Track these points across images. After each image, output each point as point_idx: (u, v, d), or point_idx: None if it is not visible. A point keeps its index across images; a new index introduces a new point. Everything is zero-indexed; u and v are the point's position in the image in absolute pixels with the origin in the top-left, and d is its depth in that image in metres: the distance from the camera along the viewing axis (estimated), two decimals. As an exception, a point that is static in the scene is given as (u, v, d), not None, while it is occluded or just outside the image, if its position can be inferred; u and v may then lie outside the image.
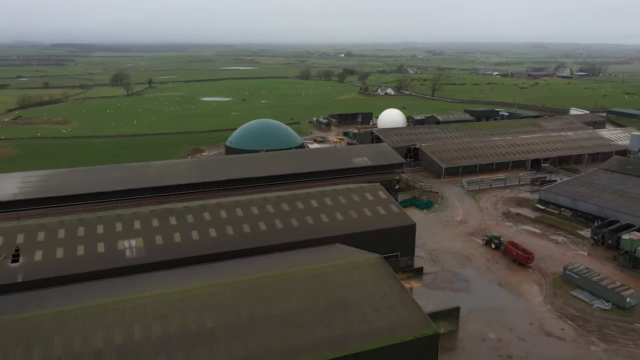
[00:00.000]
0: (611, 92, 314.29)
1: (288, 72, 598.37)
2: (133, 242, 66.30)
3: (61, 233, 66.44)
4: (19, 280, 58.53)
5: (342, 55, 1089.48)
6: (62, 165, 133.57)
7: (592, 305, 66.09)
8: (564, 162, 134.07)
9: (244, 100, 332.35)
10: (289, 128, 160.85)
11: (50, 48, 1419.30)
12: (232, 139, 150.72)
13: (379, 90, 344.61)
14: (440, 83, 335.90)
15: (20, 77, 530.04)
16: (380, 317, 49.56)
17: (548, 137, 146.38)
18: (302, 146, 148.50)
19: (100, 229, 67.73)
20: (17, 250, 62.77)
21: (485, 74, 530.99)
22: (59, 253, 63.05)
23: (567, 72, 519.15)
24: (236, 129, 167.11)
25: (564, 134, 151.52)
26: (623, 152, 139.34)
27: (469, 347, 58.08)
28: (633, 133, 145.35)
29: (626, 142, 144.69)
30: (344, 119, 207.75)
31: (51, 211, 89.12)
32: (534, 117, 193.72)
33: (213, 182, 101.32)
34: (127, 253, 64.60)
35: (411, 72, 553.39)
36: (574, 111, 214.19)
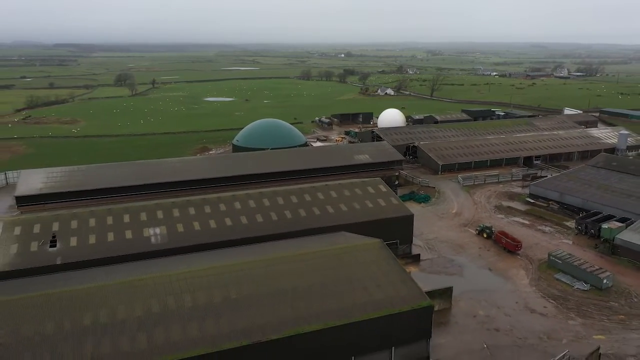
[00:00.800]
0: (605, 92, 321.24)
1: (289, 72, 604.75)
2: (157, 230, 73.27)
3: (92, 222, 73.37)
4: (58, 262, 65.44)
5: (342, 55, 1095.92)
6: (75, 163, 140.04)
7: (573, 286, 73.05)
8: (554, 160, 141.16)
9: (246, 100, 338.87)
10: (293, 127, 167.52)
11: (51, 48, 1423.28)
12: (239, 138, 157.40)
13: (379, 91, 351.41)
14: (439, 83, 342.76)
15: (25, 77, 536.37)
16: (381, 291, 56.53)
17: (540, 135, 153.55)
18: (305, 144, 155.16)
19: (127, 218, 74.69)
20: (53, 237, 69.69)
21: (484, 74, 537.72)
22: (92, 239, 69.98)
23: (564, 73, 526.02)
24: (241, 128, 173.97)
25: (555, 132, 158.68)
26: (612, 149, 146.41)
27: (461, 322, 65.02)
28: (621, 132, 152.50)
29: (615, 140, 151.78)
30: (346, 119, 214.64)
31: (75, 204, 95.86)
32: (529, 116, 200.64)
33: (224, 178, 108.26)
34: (152, 239, 71.58)
35: (410, 72, 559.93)
36: (567, 111, 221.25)
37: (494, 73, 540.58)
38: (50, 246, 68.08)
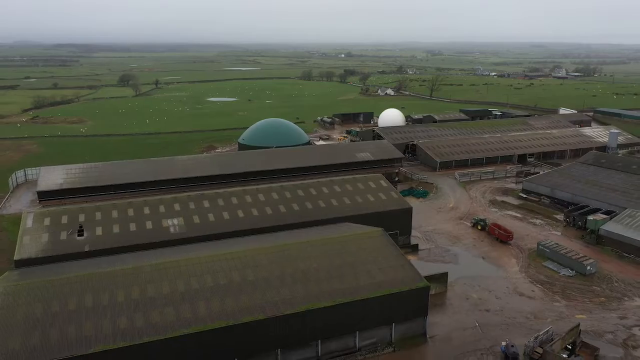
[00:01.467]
0: (601, 92, 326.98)
1: (290, 72, 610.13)
2: (175, 221, 79.29)
3: (114, 213, 79.37)
4: (86, 249, 71.44)
5: (343, 55, 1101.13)
6: (86, 161, 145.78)
7: (559, 272, 79.05)
8: (548, 157, 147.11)
9: (249, 100, 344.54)
10: (296, 126, 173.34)
11: (52, 48, 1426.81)
12: (245, 137, 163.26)
13: (379, 91, 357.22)
14: (438, 84, 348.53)
15: (28, 77, 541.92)
16: (383, 274, 62.54)
17: (534, 134, 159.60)
18: (308, 143, 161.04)
19: (146, 210, 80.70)
20: (80, 227, 75.70)
21: (483, 74, 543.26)
22: (115, 229, 75.99)
23: (562, 73, 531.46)
24: (245, 127, 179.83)
25: (549, 131, 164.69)
26: (603, 148, 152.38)
27: (455, 303, 71.02)
28: (611, 131, 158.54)
29: (606, 139, 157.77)
30: (347, 118, 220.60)
31: (93, 199, 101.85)
32: (524, 116, 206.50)
33: (233, 174, 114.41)
34: (171, 229, 77.58)
35: (410, 72, 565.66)
36: (563, 111, 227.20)
37: (493, 73, 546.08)
38: (78, 235, 74.08)
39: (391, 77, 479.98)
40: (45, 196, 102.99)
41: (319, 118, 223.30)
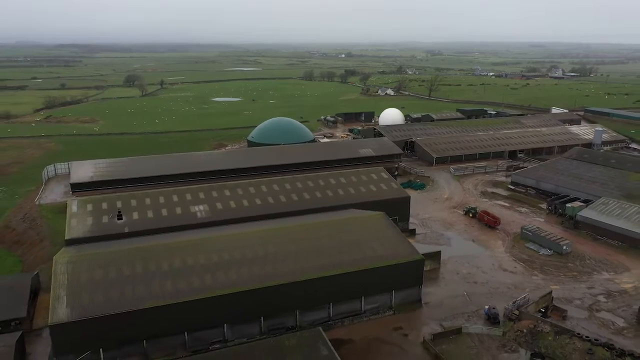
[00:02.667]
0: (594, 92, 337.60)
1: (291, 73, 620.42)
2: (201, 207, 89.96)
3: (147, 201, 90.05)
4: (126, 230, 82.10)
5: (343, 55, 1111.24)
6: (106, 158, 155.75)
7: (539, 252, 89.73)
8: (537, 153, 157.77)
9: (253, 100, 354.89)
10: (302, 125, 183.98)
11: (54, 49, 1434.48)
12: (254, 134, 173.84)
13: (379, 91, 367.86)
14: (436, 84, 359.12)
15: (35, 78, 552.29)
16: (384, 249, 73.25)
17: (525, 132, 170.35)
18: (313, 141, 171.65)
19: (175, 198, 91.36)
20: (119, 212, 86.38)
21: (481, 74, 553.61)
22: (150, 214, 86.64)
23: (559, 73, 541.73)
24: (251, 126, 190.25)
25: (539, 129, 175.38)
26: (589, 144, 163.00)
27: (447, 277, 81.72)
28: (596, 129, 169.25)
29: (591, 136, 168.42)
30: (349, 118, 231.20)
31: (120, 190, 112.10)
32: (518, 115, 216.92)
33: (247, 168, 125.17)
34: (198, 214, 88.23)
35: (410, 72, 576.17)
36: (555, 110, 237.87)
37: (491, 74, 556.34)
38: (118, 219, 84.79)
39: (391, 78, 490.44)
40: (77, 188, 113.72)
41: (322, 117, 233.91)
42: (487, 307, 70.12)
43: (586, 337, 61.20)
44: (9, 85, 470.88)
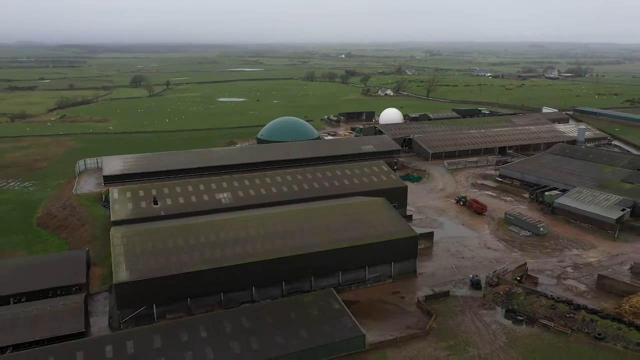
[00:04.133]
0: (585, 92, 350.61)
1: (293, 73, 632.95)
2: (225, 194, 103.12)
3: (178, 189, 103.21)
4: (162, 214, 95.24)
5: (343, 56, 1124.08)
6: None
7: (520, 234, 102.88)
8: (524, 150, 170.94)
9: (257, 100, 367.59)
10: (307, 123, 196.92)
11: (56, 49, 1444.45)
12: (263, 132, 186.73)
13: (379, 92, 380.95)
14: (434, 85, 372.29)
15: (43, 78, 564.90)
16: (384, 227, 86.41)
17: (514, 130, 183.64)
18: (318, 138, 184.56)
19: (202, 187, 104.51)
20: (155, 198, 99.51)
21: (478, 75, 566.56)
22: (181, 200, 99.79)
23: (554, 74, 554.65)
24: (258, 125, 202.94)
25: (527, 127, 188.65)
26: (573, 141, 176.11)
27: (439, 254, 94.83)
28: (580, 127, 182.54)
29: (575, 134, 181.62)
30: (351, 117, 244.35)
31: (148, 182, 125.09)
32: (509, 114, 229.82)
33: (260, 162, 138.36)
34: (222, 200, 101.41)
35: (409, 73, 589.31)
36: (545, 110, 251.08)
37: (488, 74, 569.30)
38: (154, 204, 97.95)
39: (391, 78, 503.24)
40: (109, 179, 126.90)
41: (325, 117, 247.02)
42: (471, 275, 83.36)
43: (550, 296, 74.51)
44: (19, 85, 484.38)
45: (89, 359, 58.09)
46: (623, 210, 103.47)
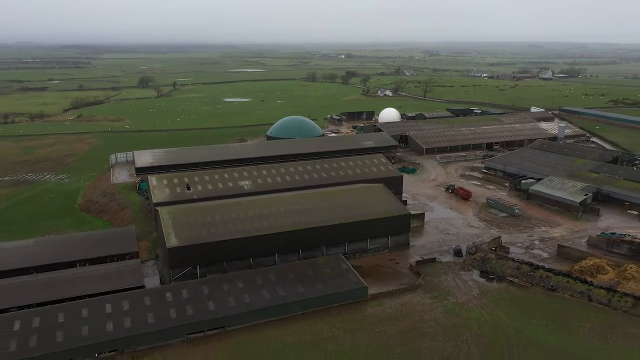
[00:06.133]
0: (573, 93, 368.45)
1: (295, 74, 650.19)
2: (246, 182, 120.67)
3: (206, 177, 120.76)
4: (195, 197, 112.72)
5: (343, 56, 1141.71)
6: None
7: (498, 215, 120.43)
8: (510, 145, 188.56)
9: (262, 100, 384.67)
10: (312, 122, 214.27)
11: (58, 49, 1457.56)
12: (272, 130, 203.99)
13: (378, 92, 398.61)
14: (431, 85, 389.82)
15: (51, 79, 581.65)
16: (383, 207, 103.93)
17: (501, 127, 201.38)
18: (323, 136, 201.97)
19: (226, 176, 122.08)
20: (188, 185, 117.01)
21: (474, 76, 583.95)
22: (209, 186, 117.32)
23: (548, 74, 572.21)
24: (264, 124, 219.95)
25: (513, 125, 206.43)
26: (554, 138, 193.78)
27: (429, 231, 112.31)
28: (560, 125, 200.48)
29: (557, 131, 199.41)
30: (352, 116, 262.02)
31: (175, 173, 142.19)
32: (499, 114, 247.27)
33: (272, 156, 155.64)
34: (245, 187, 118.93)
35: (407, 74, 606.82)
36: (533, 109, 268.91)
37: (484, 75, 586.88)
38: (187, 189, 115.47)
39: (389, 79, 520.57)
40: (141, 171, 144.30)
41: (328, 116, 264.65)
42: (454, 245, 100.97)
43: (516, 259, 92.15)
44: (30, 86, 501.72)
45: (154, 302, 75.59)
46: (586, 195, 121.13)
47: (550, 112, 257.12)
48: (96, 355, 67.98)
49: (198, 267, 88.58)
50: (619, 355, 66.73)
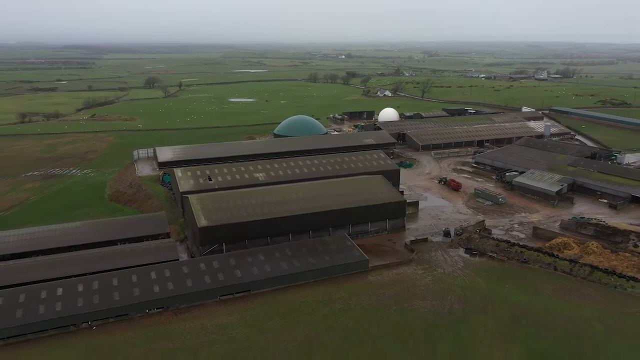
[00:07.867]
0: (564, 93, 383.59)
1: (296, 74, 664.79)
2: (261, 174, 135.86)
3: (225, 170, 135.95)
4: (216, 187, 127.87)
5: (343, 56, 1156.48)
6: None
7: (484, 203, 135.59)
8: (499, 142, 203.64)
9: (266, 101, 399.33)
10: (316, 121, 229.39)
11: (60, 50, 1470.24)
12: (279, 129, 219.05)
13: (378, 93, 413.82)
14: (429, 86, 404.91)
15: (60, 80, 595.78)
16: (382, 195, 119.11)
17: (492, 126, 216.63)
18: (326, 134, 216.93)
19: (242, 168, 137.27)
20: (209, 176, 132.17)
21: (472, 76, 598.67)
22: (228, 177, 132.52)
23: (544, 75, 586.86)
24: (270, 123, 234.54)
25: (504, 124, 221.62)
26: (541, 136, 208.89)
27: (423, 217, 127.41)
28: (546, 124, 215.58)
29: (543, 129, 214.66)
30: (354, 115, 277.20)
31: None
32: (491, 113, 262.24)
33: (282, 152, 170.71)
34: (259, 178, 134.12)
35: (406, 75, 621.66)
36: (525, 109, 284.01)
37: (482, 75, 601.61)
38: (209, 180, 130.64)
39: (389, 79, 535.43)
40: (163, 165, 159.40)
41: (331, 115, 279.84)
42: (444, 228, 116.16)
43: (496, 238, 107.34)
44: (40, 87, 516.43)
45: (191, 270, 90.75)
46: (562, 185, 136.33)
47: (540, 112, 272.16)
48: (147, 311, 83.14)
49: (224, 244, 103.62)
50: (572, 309, 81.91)
